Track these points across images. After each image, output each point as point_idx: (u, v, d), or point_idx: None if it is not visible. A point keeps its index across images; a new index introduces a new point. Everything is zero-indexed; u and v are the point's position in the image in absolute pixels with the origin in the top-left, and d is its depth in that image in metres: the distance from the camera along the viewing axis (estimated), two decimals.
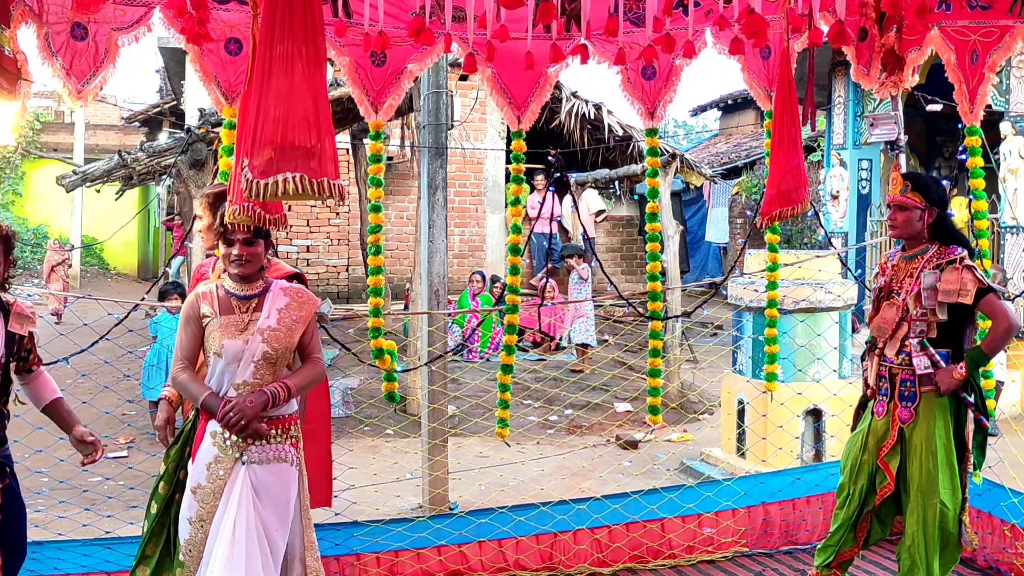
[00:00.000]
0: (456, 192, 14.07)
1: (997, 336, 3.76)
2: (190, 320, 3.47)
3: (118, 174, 10.25)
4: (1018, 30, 4.28)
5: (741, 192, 18.08)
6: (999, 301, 3.75)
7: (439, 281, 6.11)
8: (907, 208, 3.89)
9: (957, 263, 3.79)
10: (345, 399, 8.96)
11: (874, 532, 4.10)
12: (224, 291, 3.48)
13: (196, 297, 3.50)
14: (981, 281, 3.74)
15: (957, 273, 3.76)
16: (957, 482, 3.83)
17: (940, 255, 3.85)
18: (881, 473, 3.96)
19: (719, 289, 7.31)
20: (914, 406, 3.85)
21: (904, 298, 3.89)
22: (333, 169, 2.68)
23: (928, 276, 3.82)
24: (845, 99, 12.09)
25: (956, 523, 3.83)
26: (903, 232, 3.94)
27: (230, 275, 3.47)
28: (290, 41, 2.66)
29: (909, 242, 3.97)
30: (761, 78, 4.59)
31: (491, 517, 4.96)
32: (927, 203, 3.88)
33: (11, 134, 3.37)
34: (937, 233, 3.91)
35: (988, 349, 3.78)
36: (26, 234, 22.63)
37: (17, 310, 3.40)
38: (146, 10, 3.73)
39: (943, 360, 3.81)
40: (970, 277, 3.74)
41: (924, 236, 3.91)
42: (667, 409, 8.52)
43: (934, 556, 3.83)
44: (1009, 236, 9.64)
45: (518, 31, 4.00)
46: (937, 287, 3.78)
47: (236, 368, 3.37)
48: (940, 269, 3.81)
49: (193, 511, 3.35)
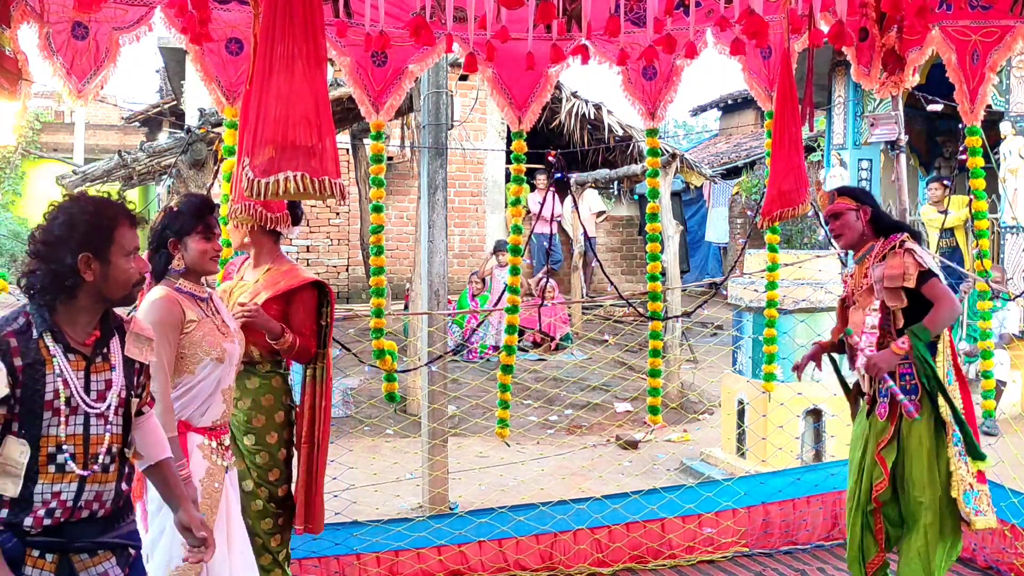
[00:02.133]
0: (456, 192, 14.07)
1: (940, 316, 3.81)
2: (175, 327, 3.17)
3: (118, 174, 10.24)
4: (1019, 30, 4.28)
5: (741, 192, 18.06)
6: (940, 284, 3.82)
7: (439, 281, 6.11)
8: (841, 213, 4.01)
9: (898, 247, 3.87)
10: (345, 399, 8.96)
11: (891, 532, 4.06)
12: (187, 293, 3.28)
13: (172, 302, 3.21)
14: (921, 264, 3.80)
15: (899, 258, 3.84)
16: (944, 469, 3.83)
17: (884, 246, 3.94)
18: (878, 468, 3.97)
19: (719, 289, 7.32)
20: (918, 397, 3.86)
21: (862, 295, 3.99)
22: (334, 168, 2.68)
23: (877, 268, 3.91)
24: (845, 99, 12.09)
25: (950, 509, 3.83)
26: (848, 238, 4.03)
27: (206, 271, 3.35)
28: (291, 41, 2.66)
29: (856, 247, 4.06)
30: (762, 78, 4.59)
31: (491, 517, 4.96)
32: (858, 204, 4.00)
33: (11, 134, 3.35)
34: (877, 229, 4.01)
35: (930, 325, 3.82)
36: (26, 234, 22.63)
37: (136, 329, 2.60)
38: (147, 10, 3.74)
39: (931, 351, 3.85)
40: (911, 261, 3.81)
41: (867, 235, 4.01)
42: (667, 409, 8.52)
43: (935, 549, 3.83)
44: (1009, 236, 9.63)
45: (519, 31, 4.00)
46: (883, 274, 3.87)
47: (228, 372, 3.29)
48: (885, 259, 3.90)
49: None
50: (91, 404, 2.41)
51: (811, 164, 15.19)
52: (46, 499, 2.36)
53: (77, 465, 2.38)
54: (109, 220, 2.47)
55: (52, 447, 2.35)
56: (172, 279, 3.29)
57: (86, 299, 2.44)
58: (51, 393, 2.35)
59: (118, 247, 2.46)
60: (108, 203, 2.51)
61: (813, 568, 5.04)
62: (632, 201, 16.59)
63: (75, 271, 2.39)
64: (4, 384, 2.29)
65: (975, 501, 3.82)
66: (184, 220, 3.29)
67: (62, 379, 2.36)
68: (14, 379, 2.31)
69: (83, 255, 2.40)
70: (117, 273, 2.45)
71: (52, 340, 2.38)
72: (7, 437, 2.33)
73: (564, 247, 14.81)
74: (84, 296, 2.43)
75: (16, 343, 2.34)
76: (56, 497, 2.37)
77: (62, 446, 2.37)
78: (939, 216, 9.41)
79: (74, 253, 2.39)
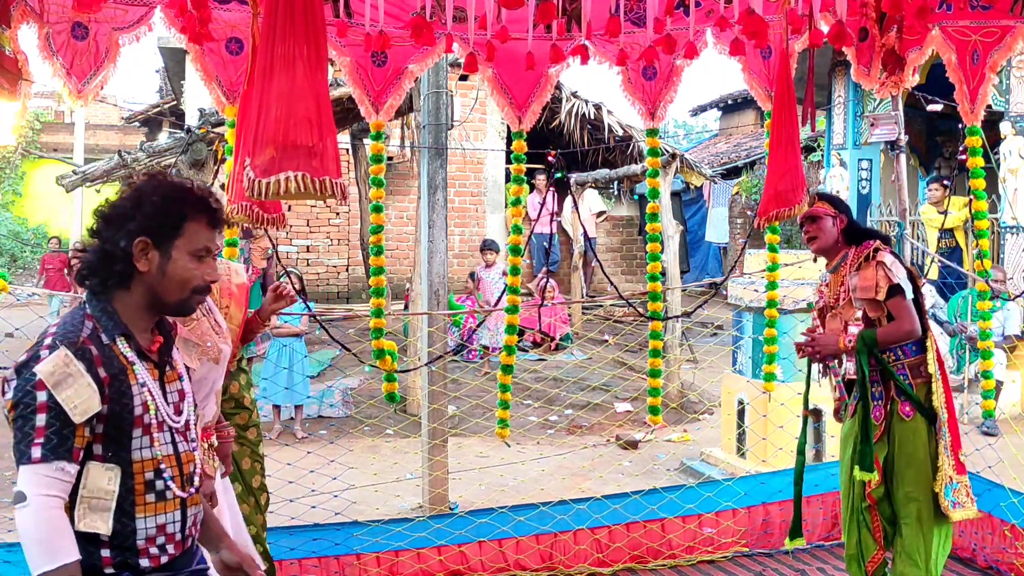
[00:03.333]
0: (456, 192, 14.07)
1: (896, 334, 3.87)
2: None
3: (118, 174, 10.23)
4: (1019, 30, 4.28)
5: (741, 192, 18.07)
6: (905, 302, 3.87)
7: (439, 281, 6.11)
8: (819, 217, 4.05)
9: (871, 256, 3.92)
10: (345, 399, 8.96)
11: (888, 529, 4.06)
12: None
13: None
14: (891, 279, 3.85)
15: (872, 269, 3.89)
16: (930, 468, 3.85)
17: (858, 255, 3.99)
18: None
19: (719, 289, 7.31)
20: (883, 403, 3.89)
21: (842, 306, 4.04)
22: (335, 168, 2.68)
23: (853, 278, 3.98)
24: (845, 99, 12.09)
25: (937, 503, 3.85)
26: (822, 242, 4.07)
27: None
28: (291, 40, 2.66)
29: (829, 254, 4.11)
30: (762, 78, 4.59)
31: (491, 517, 4.96)
32: (836, 211, 4.06)
33: (11, 134, 3.34)
34: (851, 237, 4.07)
35: (881, 337, 3.87)
36: (26, 234, 22.62)
37: (184, 334, 2.43)
38: (147, 10, 3.73)
39: (909, 351, 3.90)
40: (882, 275, 3.86)
41: (840, 242, 4.07)
42: (667, 409, 8.52)
43: (929, 545, 3.84)
44: (1009, 236, 9.63)
45: (519, 31, 4.00)
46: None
47: (221, 373, 3.25)
48: (860, 268, 3.96)
49: None
50: (173, 418, 2.13)
51: (811, 164, 15.21)
52: (151, 534, 2.06)
53: (178, 488, 2.10)
54: (182, 208, 2.13)
55: (150, 472, 2.06)
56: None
57: (140, 295, 2.11)
58: (140, 407, 2.06)
59: (185, 241, 2.12)
60: (188, 190, 2.17)
61: (813, 568, 5.04)
62: (632, 201, 16.60)
63: (128, 256, 2.07)
64: (96, 399, 1.98)
65: (954, 494, 3.85)
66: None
67: (148, 390, 2.08)
68: (102, 393, 1.99)
69: (140, 239, 2.07)
70: (176, 271, 2.11)
71: (126, 345, 2.08)
72: (88, 464, 2.00)
73: (564, 247, 14.82)
74: (137, 290, 2.11)
75: (96, 351, 2.02)
76: (162, 531, 2.08)
77: (161, 469, 2.08)
78: (939, 216, 9.41)
79: (131, 235, 2.07)
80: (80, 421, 1.96)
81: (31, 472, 1.94)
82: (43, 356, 1.98)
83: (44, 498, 1.93)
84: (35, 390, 1.95)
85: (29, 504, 1.93)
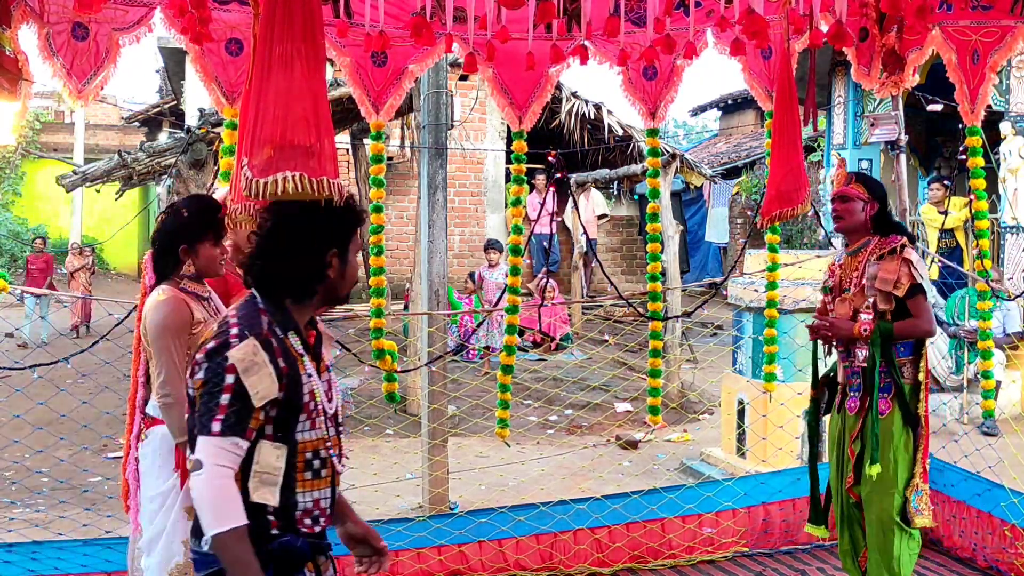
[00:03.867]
0: (456, 192, 14.07)
1: (915, 332, 3.87)
2: (185, 328, 3.17)
3: (118, 174, 10.24)
4: (1019, 30, 4.28)
5: (741, 192, 18.07)
6: (925, 303, 3.86)
7: (439, 281, 6.11)
8: (850, 198, 3.99)
9: (898, 251, 3.89)
10: (345, 399, 8.97)
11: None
12: (191, 293, 3.28)
13: (180, 302, 3.21)
14: (915, 278, 3.83)
15: (896, 264, 3.86)
16: (909, 470, 3.85)
17: (882, 245, 3.95)
18: (848, 463, 3.99)
19: (719, 289, 7.31)
20: (890, 396, 3.87)
21: (854, 293, 3.98)
22: (333, 168, 2.67)
23: (872, 267, 3.93)
24: (845, 99, 12.09)
25: (903, 506, 3.85)
26: (847, 223, 4.02)
27: (215, 275, 3.35)
28: (290, 41, 2.66)
29: (852, 236, 4.06)
30: (762, 78, 4.59)
31: (491, 517, 4.96)
32: (869, 195, 3.99)
33: (11, 134, 3.34)
34: (878, 225, 4.01)
35: (899, 331, 3.86)
36: (26, 234, 22.61)
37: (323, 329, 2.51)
38: (147, 10, 3.74)
39: (906, 351, 3.90)
40: (906, 271, 3.84)
41: (866, 228, 4.01)
42: (667, 409, 8.52)
43: (891, 544, 3.84)
44: (1009, 236, 9.63)
45: (519, 31, 4.00)
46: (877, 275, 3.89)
47: None
48: (882, 259, 3.91)
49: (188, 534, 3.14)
50: (328, 406, 2.36)
51: (811, 164, 15.19)
52: (308, 507, 2.30)
53: (332, 468, 2.35)
54: (357, 218, 2.44)
55: (310, 452, 2.29)
56: (176, 279, 3.30)
57: (318, 297, 2.37)
58: (307, 395, 2.28)
59: (355, 245, 2.42)
60: (354, 202, 2.50)
61: (813, 568, 5.04)
62: (632, 201, 16.60)
63: (325, 267, 2.34)
64: (276, 386, 2.20)
65: (918, 501, 3.86)
66: (195, 227, 3.29)
67: (313, 380, 2.30)
68: (280, 381, 2.21)
69: (332, 251, 2.35)
70: (351, 271, 2.41)
71: (296, 339, 2.31)
72: (260, 443, 2.21)
73: (564, 247, 14.82)
74: (318, 293, 2.37)
75: (275, 343, 2.25)
76: (317, 505, 2.33)
77: (319, 451, 2.31)
78: (939, 216, 9.41)
79: (327, 248, 2.34)
80: (259, 405, 2.17)
81: (209, 443, 2.15)
82: (233, 344, 2.19)
83: (218, 468, 2.13)
84: (225, 372, 2.17)
85: (205, 472, 2.12)
